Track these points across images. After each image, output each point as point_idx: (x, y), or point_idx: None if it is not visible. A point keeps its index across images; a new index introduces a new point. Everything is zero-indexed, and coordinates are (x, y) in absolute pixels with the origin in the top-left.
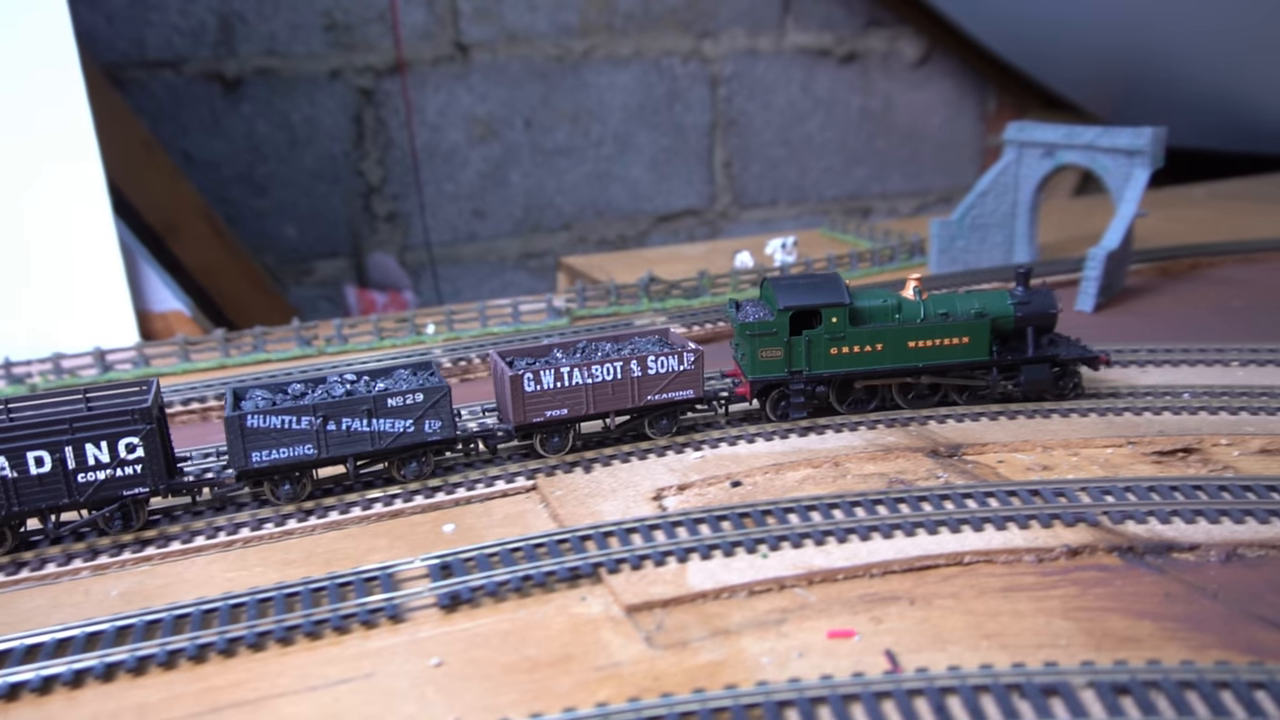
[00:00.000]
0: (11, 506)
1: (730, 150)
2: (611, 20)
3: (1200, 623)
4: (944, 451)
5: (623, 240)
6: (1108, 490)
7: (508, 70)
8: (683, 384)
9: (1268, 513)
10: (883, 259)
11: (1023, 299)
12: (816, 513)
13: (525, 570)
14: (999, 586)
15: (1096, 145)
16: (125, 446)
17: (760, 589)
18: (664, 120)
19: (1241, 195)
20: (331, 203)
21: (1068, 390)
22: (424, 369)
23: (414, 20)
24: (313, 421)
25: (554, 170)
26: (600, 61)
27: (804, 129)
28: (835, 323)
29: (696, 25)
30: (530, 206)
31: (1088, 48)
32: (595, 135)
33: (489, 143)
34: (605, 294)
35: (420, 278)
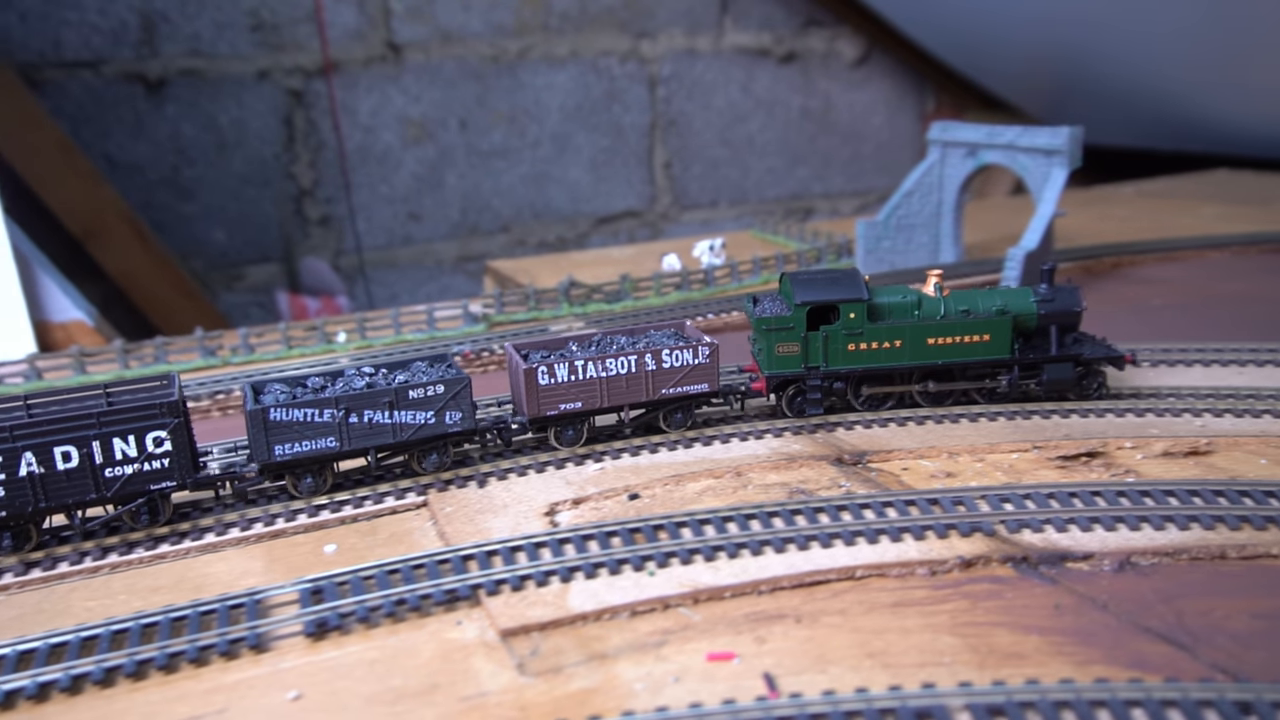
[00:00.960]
0: (39, 503)
1: (670, 151)
2: (547, 20)
3: (1088, 636)
4: (849, 459)
5: (562, 242)
6: (1006, 498)
7: (442, 71)
8: (697, 377)
9: (1163, 519)
10: (810, 260)
11: (1046, 296)
12: (710, 526)
13: (399, 594)
14: (889, 602)
15: (1016, 145)
16: (153, 440)
17: (644, 609)
18: (602, 121)
19: (1168, 194)
20: (262, 207)
21: (1091, 390)
22: (440, 361)
23: (344, 20)
24: (335, 414)
25: (491, 172)
26: (536, 62)
27: (744, 129)
28: (853, 318)
29: (634, 25)
30: (467, 209)
31: (1021, 48)
32: (532, 136)
33: (423, 144)
34: (524, 299)
35: (355, 282)
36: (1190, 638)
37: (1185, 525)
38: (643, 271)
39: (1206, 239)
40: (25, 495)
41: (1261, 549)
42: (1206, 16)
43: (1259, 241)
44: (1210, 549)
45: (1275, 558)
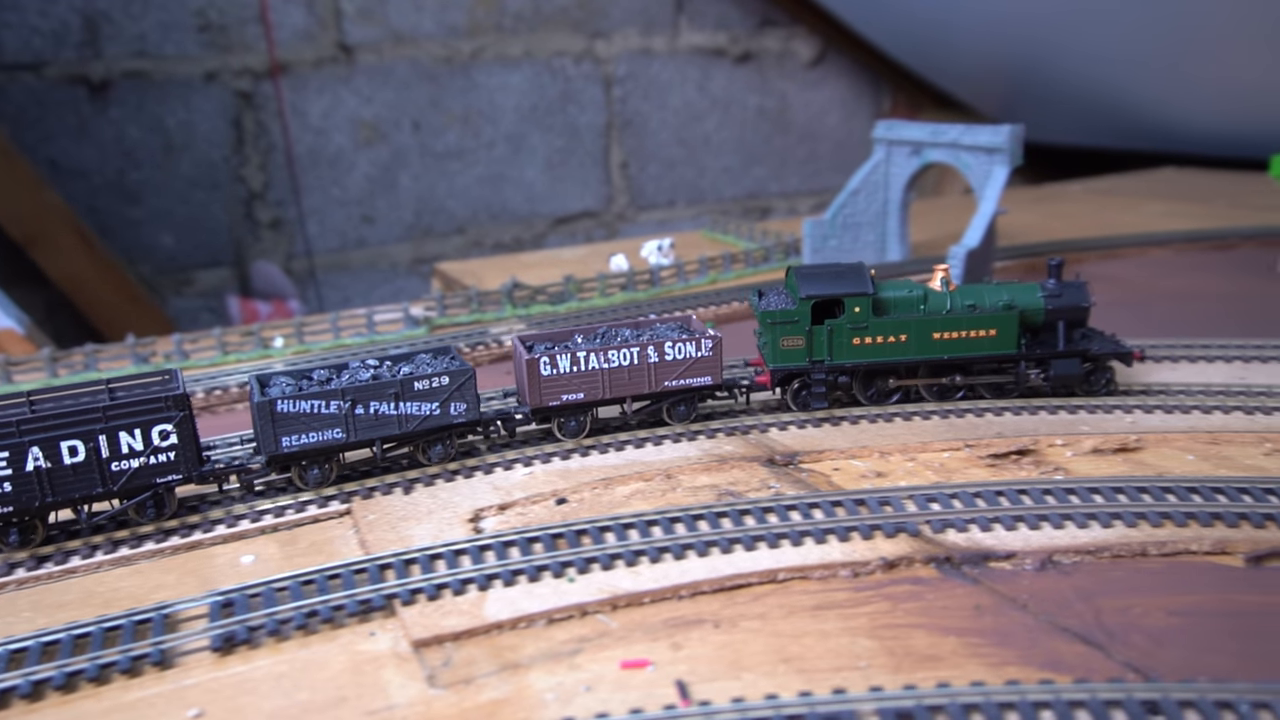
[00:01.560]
0: (45, 498)
1: (626, 151)
2: (500, 20)
3: (1005, 637)
4: (780, 460)
5: (519, 244)
6: (933, 498)
7: (394, 72)
8: (700, 370)
9: (1087, 516)
10: (757, 260)
11: (1054, 291)
12: (634, 530)
13: (311, 605)
14: (810, 604)
15: (959, 143)
16: (159, 434)
17: (561, 617)
18: (557, 121)
19: (1115, 191)
20: (211, 210)
21: (1099, 386)
22: (444, 353)
23: (293, 21)
24: (341, 405)
25: (445, 173)
26: (490, 62)
27: (701, 129)
28: (858, 312)
29: (588, 25)
30: (421, 211)
31: (974, 49)
32: (487, 137)
33: (376, 146)
34: (467, 301)
35: (308, 286)
36: (1106, 636)
37: (1108, 523)
38: (592, 272)
39: (1149, 236)
40: (32, 490)
41: (1182, 545)
42: (1153, 17)
43: (1200, 239)
44: (1132, 546)
45: (1195, 554)
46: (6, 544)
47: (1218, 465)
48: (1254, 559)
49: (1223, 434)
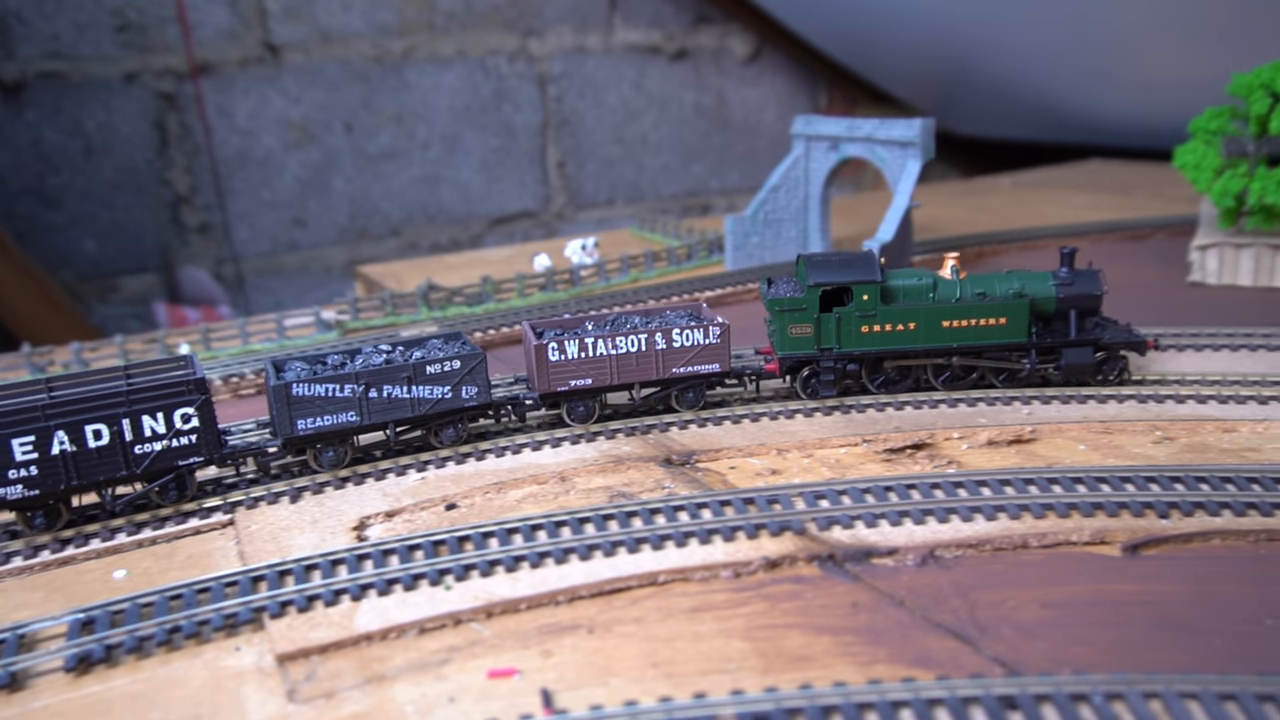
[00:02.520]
0: (70, 481)
1: (563, 150)
2: (431, 19)
3: (879, 635)
4: (677, 460)
5: (456, 245)
6: (822, 495)
7: (323, 72)
8: (708, 357)
9: (971, 510)
10: (680, 258)
11: (1066, 280)
12: (518, 535)
13: (176, 621)
14: (687, 607)
15: (874, 137)
16: (181, 417)
17: (433, 626)
18: (493, 121)
19: (1042, 184)
20: (135, 215)
21: (1111, 376)
22: (455, 339)
23: (216, 20)
24: (355, 389)
25: (379, 175)
26: (422, 61)
27: (638, 127)
28: (866, 300)
29: (521, 23)
30: (355, 213)
31: (906, 46)
32: (421, 138)
33: (307, 147)
34: (381, 304)
35: (239, 291)
36: (978, 631)
37: (992, 515)
38: (520, 272)
39: (1067, 228)
40: (58, 474)
41: (1062, 537)
42: (1077, 15)
43: (1116, 229)
44: (1013, 539)
45: (1075, 545)
46: (32, 527)
47: (1107, 454)
48: (1130, 548)
49: (1115, 423)
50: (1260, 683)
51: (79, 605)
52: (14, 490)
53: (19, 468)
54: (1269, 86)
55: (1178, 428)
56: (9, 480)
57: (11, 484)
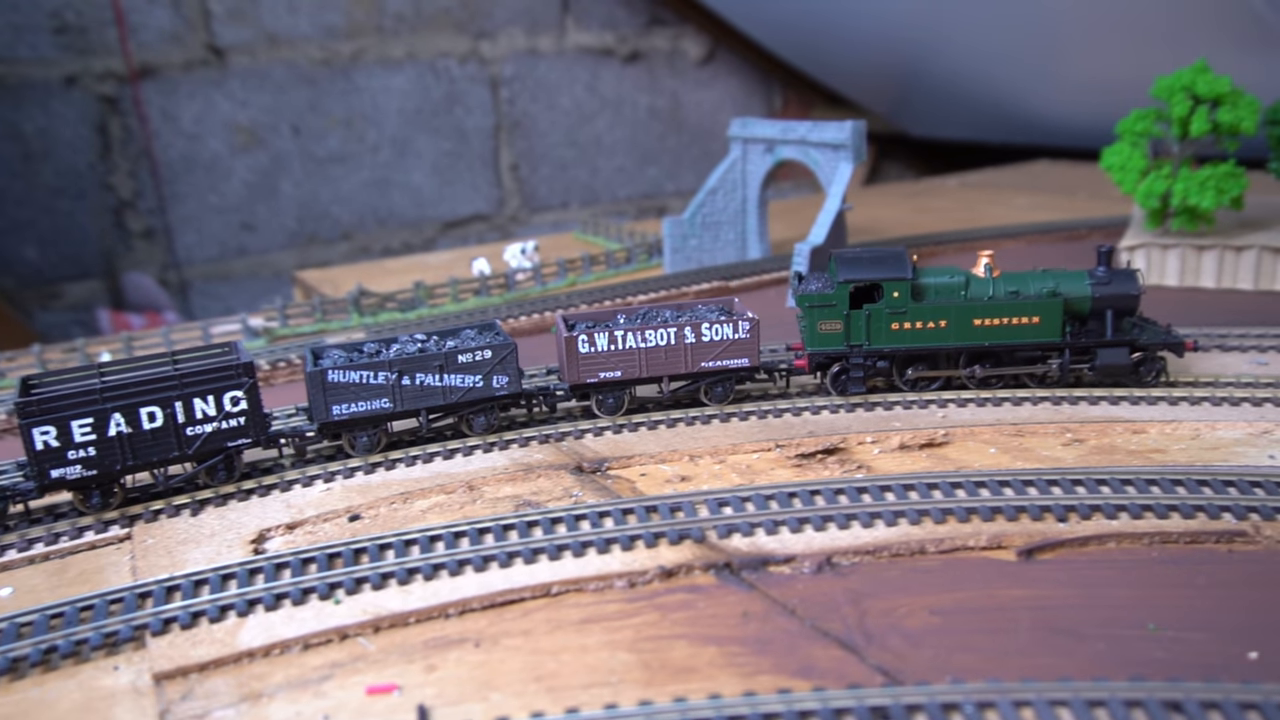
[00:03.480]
0: (125, 461)
1: (516, 153)
2: (380, 21)
3: (765, 645)
4: (587, 467)
5: (408, 248)
6: (725, 502)
7: (270, 75)
8: (737, 352)
9: (872, 516)
10: (619, 261)
11: (1102, 279)
12: (415, 547)
13: (53, 640)
14: (578, 618)
15: (808, 140)
16: (230, 400)
17: (318, 642)
18: (444, 124)
19: (988, 184)
20: (77, 220)
21: (1148, 377)
22: (489, 329)
23: (159, 22)
24: (389, 376)
25: (328, 179)
26: (371, 64)
27: (592, 129)
28: (896, 297)
29: (472, 26)
30: (304, 217)
31: (858, 48)
32: (371, 141)
33: (254, 151)
34: (311, 310)
35: (187, 297)
36: (865, 639)
37: (893, 521)
38: (462, 276)
39: (1005, 229)
40: (114, 454)
41: (960, 541)
42: (1023, 17)
43: (1053, 230)
44: (911, 545)
45: (972, 550)
46: (89, 506)
47: (1016, 457)
48: (1025, 552)
49: (1028, 425)
50: (1131, 688)
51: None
52: (73, 470)
53: (78, 449)
54: (1189, 89)
55: (1088, 429)
56: (69, 461)
57: (71, 464)
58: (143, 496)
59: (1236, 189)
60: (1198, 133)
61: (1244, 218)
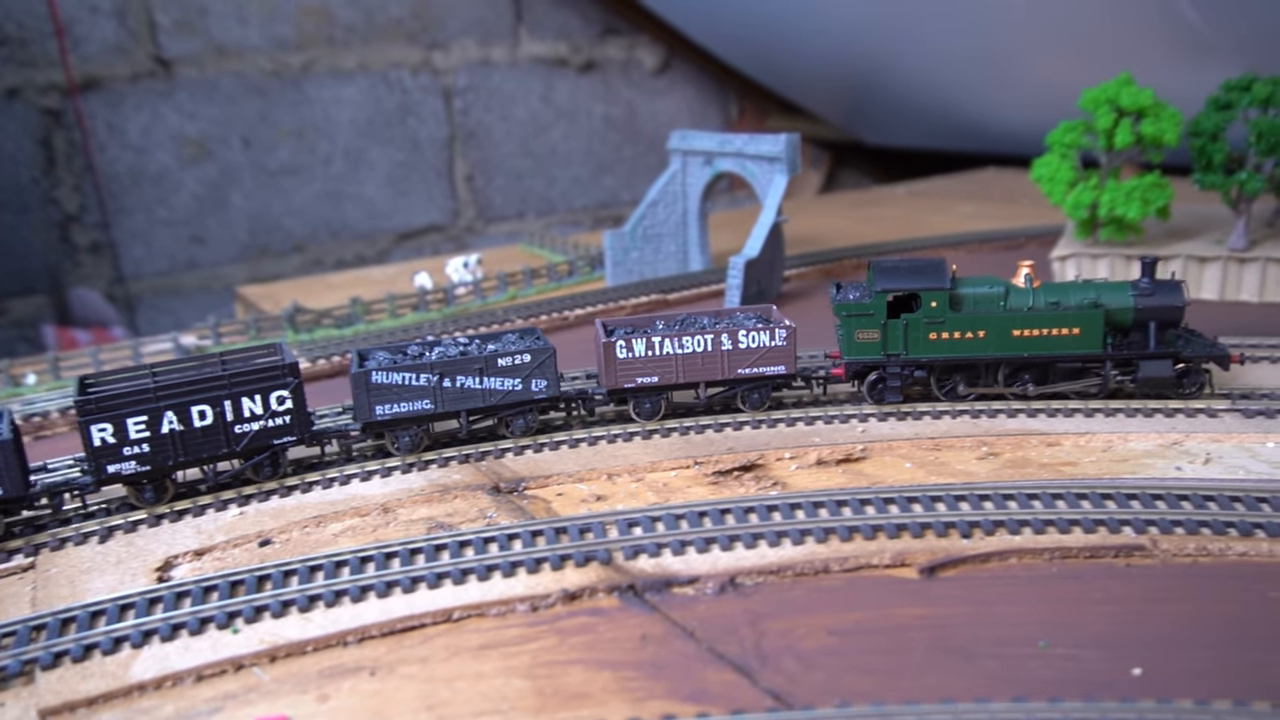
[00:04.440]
0: (177, 457)
1: (471, 163)
2: (331, 32)
3: (660, 669)
4: (505, 487)
5: (362, 260)
6: (635, 522)
7: (219, 86)
8: (774, 359)
9: (778, 534)
10: (561, 274)
11: (1145, 290)
12: (320, 573)
13: None
14: (477, 644)
15: (744, 152)
16: (276, 399)
17: (212, 673)
18: (397, 135)
19: (935, 193)
20: (21, 235)
21: (1191, 389)
22: (530, 334)
23: (103, 34)
24: (430, 378)
25: (280, 191)
26: (322, 75)
27: (547, 139)
28: (935, 307)
29: (424, 36)
30: (256, 230)
31: (812, 59)
32: (323, 152)
33: (203, 164)
34: (245, 327)
35: (136, 311)
36: (759, 662)
37: (799, 540)
38: (404, 291)
39: (944, 238)
40: (166, 451)
41: (864, 560)
42: (971, 27)
43: (992, 239)
44: (815, 563)
45: (876, 568)
46: (142, 501)
47: (931, 472)
48: (927, 570)
49: (945, 439)
50: (1011, 709)
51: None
52: (128, 466)
53: (133, 445)
54: (1114, 101)
55: (1004, 443)
56: (124, 456)
57: (126, 460)
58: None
59: (1162, 199)
60: (1121, 145)
61: (1172, 227)
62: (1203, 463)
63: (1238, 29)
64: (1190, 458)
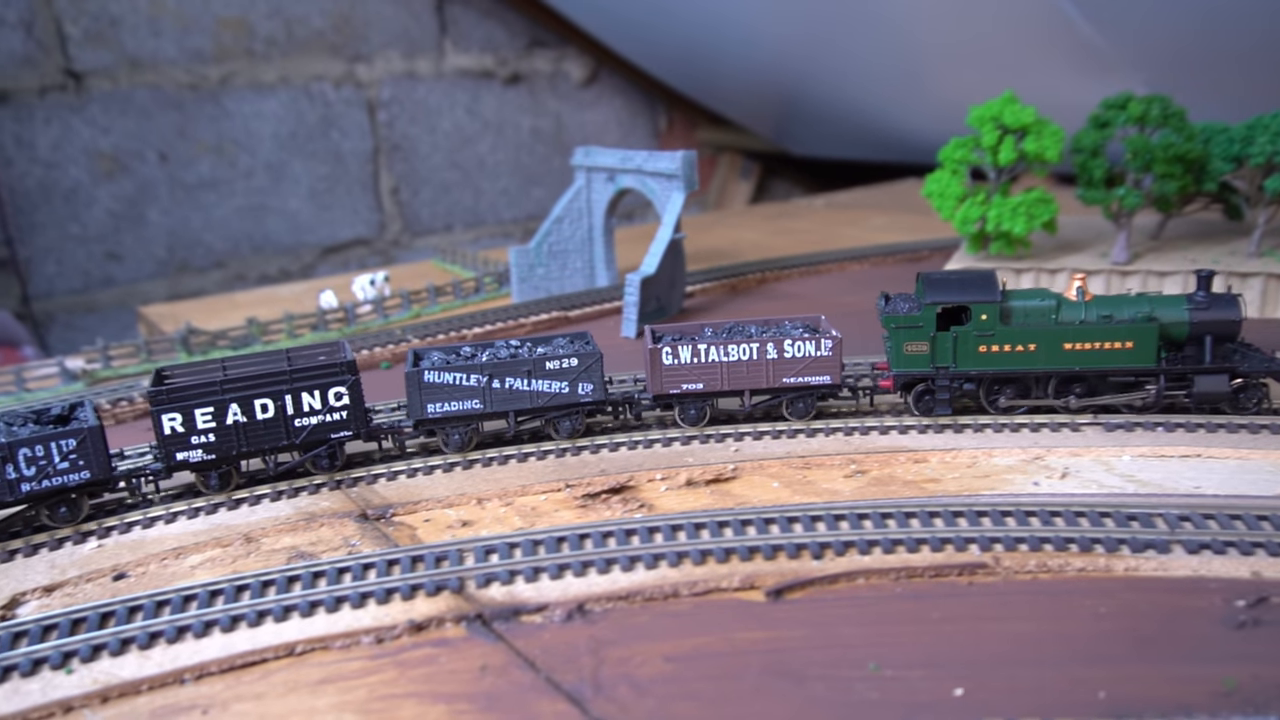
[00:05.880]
0: (240, 448)
1: (397, 176)
2: (251, 45)
3: (494, 700)
4: (372, 514)
5: (285, 275)
6: (493, 549)
7: (133, 100)
8: (819, 369)
9: (631, 559)
10: (467, 291)
11: (1201, 304)
12: (168, 608)
13: None
14: (316, 679)
15: (644, 169)
16: (334, 395)
17: (39, 716)
18: (320, 148)
19: (852, 205)
20: None
21: (1250, 405)
22: (579, 338)
23: (10, 46)
24: (480, 379)
25: (199, 205)
26: (242, 89)
27: (474, 151)
28: (985, 320)
29: (347, 49)
30: (175, 245)
31: (735, 74)
32: (244, 166)
33: (119, 179)
34: (135, 350)
35: (48, 330)
36: (593, 690)
37: (652, 564)
38: (306, 309)
39: (851, 252)
40: (230, 441)
41: (714, 583)
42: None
43: (897, 252)
44: (665, 588)
45: (725, 591)
46: (208, 487)
47: (797, 491)
48: (774, 592)
49: (815, 458)
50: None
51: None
52: (195, 454)
53: (200, 434)
54: (998, 119)
55: (872, 460)
56: (192, 445)
57: (193, 449)
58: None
59: (1046, 214)
60: (1005, 161)
61: (1060, 240)
62: (1060, 477)
63: (1134, 47)
64: (1049, 472)
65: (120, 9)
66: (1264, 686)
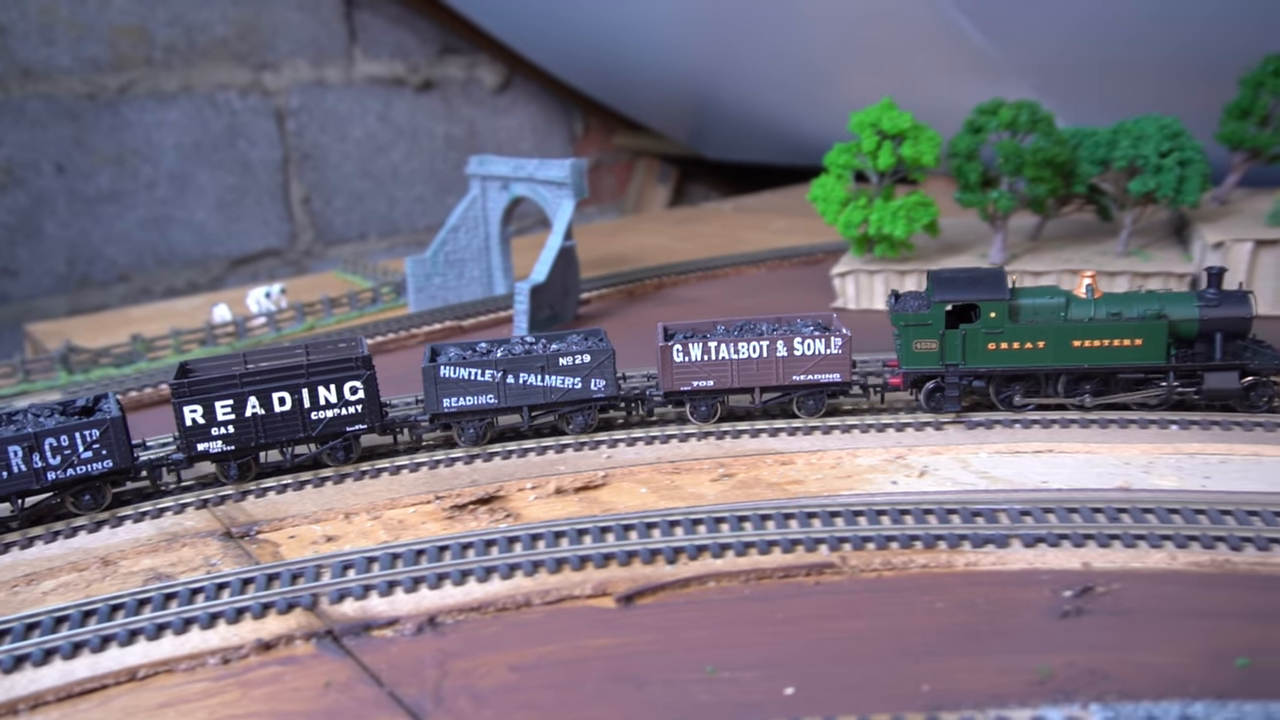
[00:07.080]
0: (259, 439)
1: (308, 185)
2: (150, 53)
3: (334, 717)
4: (236, 532)
5: (194, 287)
6: (350, 564)
7: (26, 110)
8: (829, 367)
9: (487, 570)
10: (364, 302)
11: (1211, 301)
12: (7, 637)
13: None
14: (157, 703)
15: (535, 177)
16: (349, 389)
17: None
18: (227, 158)
19: (757, 208)
20: None
21: (1260, 402)
22: (593, 335)
23: None
24: (495, 374)
25: (99, 218)
26: (143, 98)
27: (387, 160)
28: (994, 318)
29: (252, 57)
30: (74, 259)
31: (648, 80)
32: (146, 177)
33: (11, 191)
34: (13, 370)
35: None
36: (435, 703)
37: (507, 574)
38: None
39: (747, 256)
40: (249, 432)
41: (566, 591)
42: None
43: (793, 255)
44: (518, 598)
45: (577, 599)
46: (228, 477)
47: (663, 496)
48: (625, 598)
49: (685, 463)
50: None
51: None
52: (215, 445)
53: (220, 425)
54: (876, 125)
55: (740, 464)
56: (212, 436)
57: (214, 439)
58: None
59: (926, 217)
60: (884, 166)
61: (944, 242)
62: (918, 475)
63: (1021, 55)
64: (909, 471)
65: (9, 17)
66: (1076, 674)
